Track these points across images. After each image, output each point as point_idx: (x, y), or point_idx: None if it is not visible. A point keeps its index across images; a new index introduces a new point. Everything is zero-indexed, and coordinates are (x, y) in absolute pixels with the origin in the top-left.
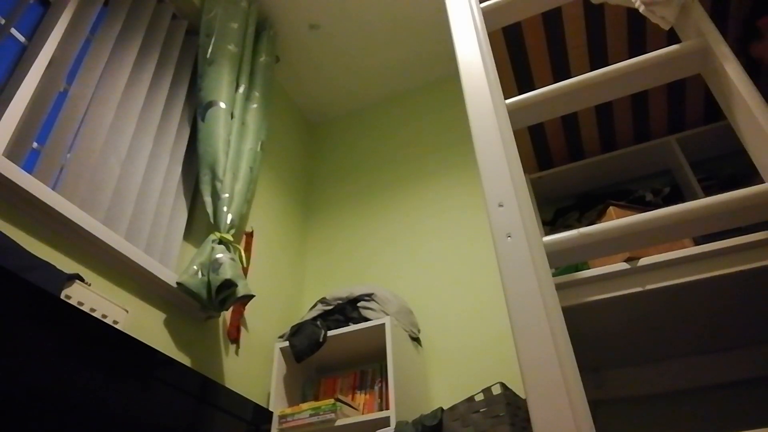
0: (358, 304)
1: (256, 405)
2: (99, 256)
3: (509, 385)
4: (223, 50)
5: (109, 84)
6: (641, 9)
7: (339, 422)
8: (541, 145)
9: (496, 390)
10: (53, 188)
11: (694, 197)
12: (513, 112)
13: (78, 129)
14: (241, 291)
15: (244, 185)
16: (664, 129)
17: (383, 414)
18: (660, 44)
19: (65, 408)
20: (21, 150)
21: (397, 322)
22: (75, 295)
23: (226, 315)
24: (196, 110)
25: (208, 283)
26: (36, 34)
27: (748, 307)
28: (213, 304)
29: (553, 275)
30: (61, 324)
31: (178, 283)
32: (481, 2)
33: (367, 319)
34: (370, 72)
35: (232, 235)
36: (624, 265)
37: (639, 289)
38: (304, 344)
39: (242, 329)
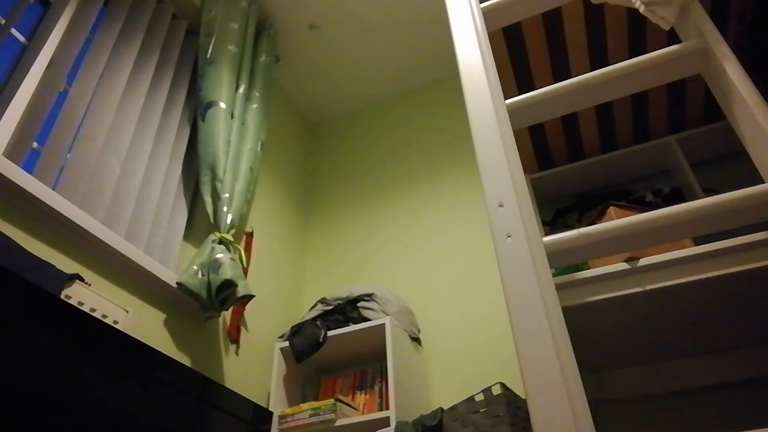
0: (358, 304)
1: (256, 405)
2: (99, 256)
3: (509, 385)
4: (223, 50)
5: (109, 84)
6: (641, 9)
7: (339, 422)
8: (541, 145)
9: (496, 390)
10: (53, 188)
11: (694, 197)
12: (513, 112)
13: (78, 129)
14: (241, 291)
15: (244, 185)
16: (664, 129)
17: (383, 414)
18: (660, 44)
19: (65, 408)
20: (21, 150)
21: (397, 322)
22: (75, 295)
23: (226, 315)
24: (196, 110)
25: (208, 283)
26: (36, 34)
27: (748, 307)
28: (213, 304)
29: (553, 275)
30: (61, 324)
31: (178, 283)
32: (481, 2)
33: (367, 319)
34: (370, 72)
35: (232, 235)
36: (624, 265)
37: (639, 289)
38: (304, 344)
39: (242, 329)
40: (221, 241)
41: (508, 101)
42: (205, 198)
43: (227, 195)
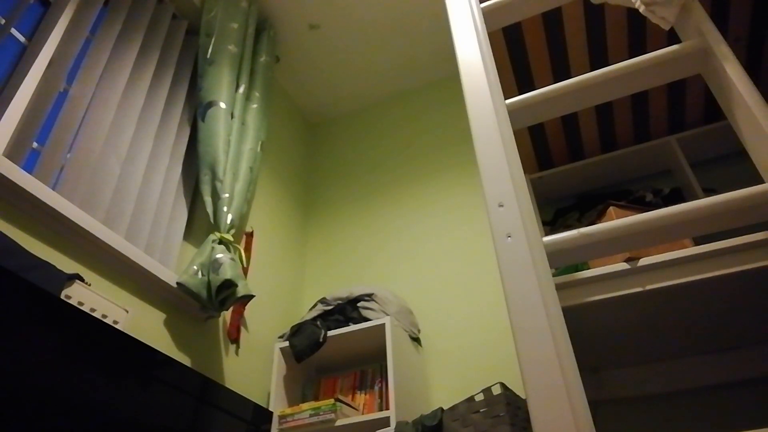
0: (358, 305)
1: (256, 405)
2: (99, 256)
3: (509, 385)
4: (223, 50)
5: (109, 84)
6: (641, 9)
7: (339, 422)
8: (541, 145)
9: (496, 390)
10: (53, 188)
11: (694, 197)
12: (513, 112)
13: (78, 129)
14: (241, 291)
15: (244, 185)
16: (664, 129)
17: (383, 414)
18: (660, 44)
19: (65, 408)
20: (21, 150)
21: (397, 323)
22: (75, 295)
23: (226, 315)
24: (196, 110)
25: (208, 283)
26: (36, 34)
27: (748, 307)
28: (213, 304)
29: (553, 275)
30: (61, 324)
31: (178, 283)
32: (481, 2)
33: (367, 319)
34: (370, 72)
35: (232, 235)
36: (624, 265)
37: (639, 289)
38: (304, 344)
39: (242, 329)
40: (221, 241)
41: (508, 101)
42: (205, 198)
43: (227, 195)
